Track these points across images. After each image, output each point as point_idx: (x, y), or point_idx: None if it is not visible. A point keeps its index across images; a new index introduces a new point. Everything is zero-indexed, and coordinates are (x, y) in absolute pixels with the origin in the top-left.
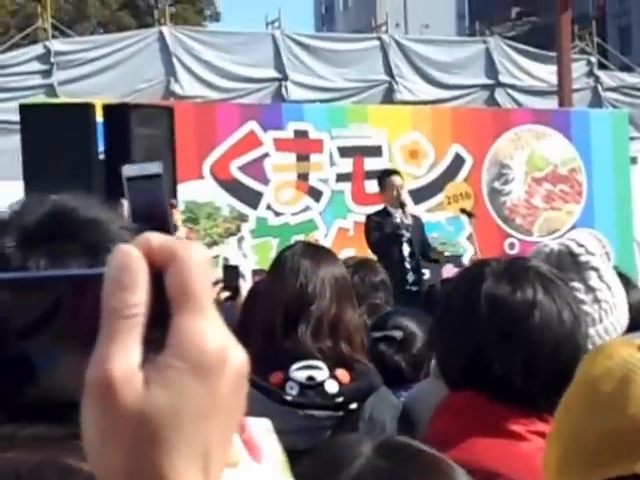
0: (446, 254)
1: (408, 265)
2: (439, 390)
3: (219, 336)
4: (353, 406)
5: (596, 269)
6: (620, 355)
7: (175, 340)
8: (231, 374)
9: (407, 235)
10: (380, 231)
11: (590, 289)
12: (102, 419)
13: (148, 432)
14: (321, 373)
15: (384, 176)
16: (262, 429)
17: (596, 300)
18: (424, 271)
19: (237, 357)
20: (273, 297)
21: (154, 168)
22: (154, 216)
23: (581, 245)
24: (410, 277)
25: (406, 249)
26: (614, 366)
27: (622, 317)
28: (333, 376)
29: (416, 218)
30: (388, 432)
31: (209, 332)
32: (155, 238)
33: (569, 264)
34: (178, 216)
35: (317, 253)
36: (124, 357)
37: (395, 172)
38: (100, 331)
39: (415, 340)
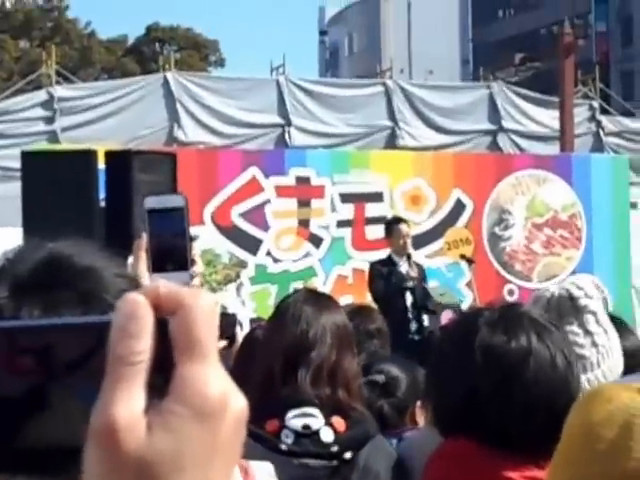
0: (443, 303)
1: (410, 315)
2: (434, 439)
3: (221, 383)
4: (347, 455)
5: (594, 313)
6: (621, 400)
7: (178, 386)
8: (232, 419)
9: (411, 286)
10: (385, 280)
11: (588, 333)
12: (105, 464)
13: (150, 475)
14: (317, 421)
15: (392, 223)
16: (264, 473)
17: (594, 344)
18: (423, 317)
19: (238, 403)
20: (274, 343)
21: (177, 201)
22: (174, 250)
23: (580, 288)
24: (413, 326)
25: (409, 299)
26: (615, 411)
27: (618, 362)
28: (329, 424)
29: (419, 267)
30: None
31: (211, 379)
32: (163, 286)
33: (569, 308)
34: (196, 250)
35: (319, 300)
36: (128, 403)
37: (403, 220)
38: (105, 377)
39: (399, 384)
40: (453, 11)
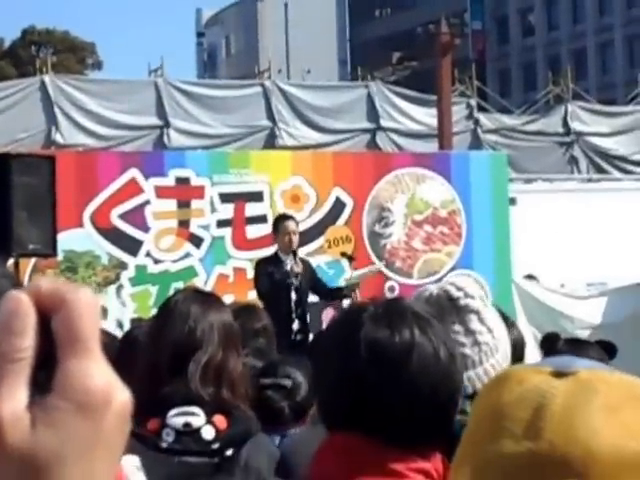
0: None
1: (294, 314)
2: (316, 436)
3: (104, 376)
4: (229, 452)
5: (476, 312)
6: (532, 382)
7: (61, 381)
8: (115, 413)
9: (295, 283)
10: (269, 278)
11: (470, 332)
12: None
13: (34, 469)
14: (198, 419)
15: (278, 221)
16: (131, 466)
17: (476, 343)
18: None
19: (121, 396)
20: (159, 341)
21: None
22: None
23: (460, 289)
24: (295, 326)
25: (294, 297)
26: (526, 392)
27: (503, 359)
28: (210, 422)
29: (305, 263)
30: (263, 476)
31: (95, 373)
32: (45, 284)
33: (448, 308)
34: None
35: (206, 298)
36: (11, 399)
37: (289, 217)
38: None
39: (300, 389)
40: (330, 11)
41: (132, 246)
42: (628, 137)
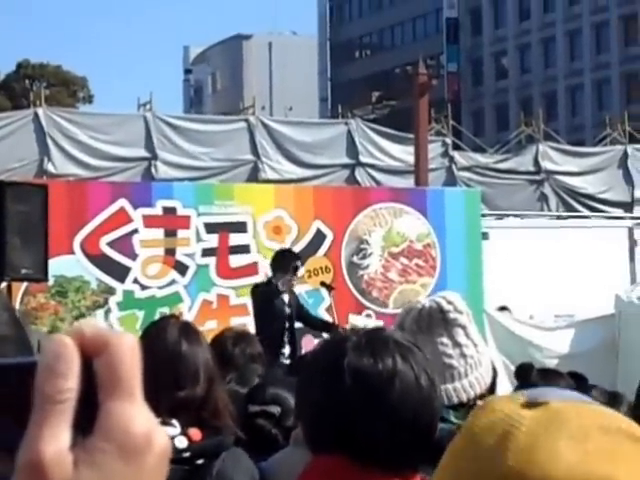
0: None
1: (286, 339)
2: (298, 457)
3: (145, 420)
4: (199, 462)
5: (463, 327)
6: (503, 410)
7: (104, 424)
8: (155, 456)
9: (288, 311)
10: (268, 305)
11: (457, 344)
12: None
13: None
14: (173, 430)
15: (290, 259)
16: None
17: (462, 355)
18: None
19: (161, 440)
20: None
21: None
22: None
23: (450, 302)
24: (286, 350)
25: (287, 324)
26: (496, 421)
27: (486, 373)
28: (184, 434)
29: (293, 292)
30: None
31: (136, 416)
32: (88, 328)
33: (439, 320)
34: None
35: (191, 336)
36: (54, 440)
37: (300, 258)
38: (32, 415)
39: (290, 413)
40: (312, 51)
41: (120, 272)
42: (596, 177)
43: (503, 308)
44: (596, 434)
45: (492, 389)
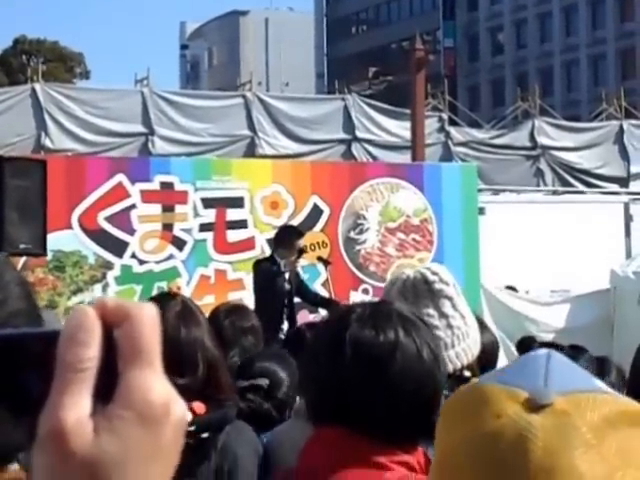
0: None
1: (285, 314)
2: (299, 430)
3: (164, 389)
4: (204, 435)
5: (450, 298)
6: (507, 414)
7: (124, 392)
8: (173, 425)
9: (288, 287)
10: (270, 280)
11: (443, 315)
12: (53, 464)
13: (95, 475)
14: None
15: (293, 235)
16: None
17: (449, 326)
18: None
19: (179, 409)
20: None
21: None
22: None
23: (435, 273)
24: (285, 326)
25: (286, 300)
26: (505, 429)
27: (474, 345)
28: (189, 407)
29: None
30: (240, 462)
31: (155, 385)
32: (110, 300)
33: (424, 291)
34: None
35: (191, 318)
36: (75, 407)
37: (303, 235)
38: (54, 383)
39: (280, 385)
40: (309, 27)
41: (118, 247)
42: (591, 152)
43: (510, 288)
44: (607, 433)
45: (494, 363)
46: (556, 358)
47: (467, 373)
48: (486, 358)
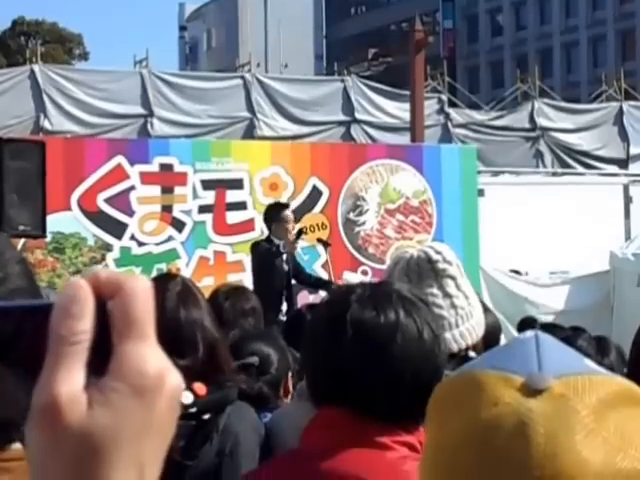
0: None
1: (284, 296)
2: (302, 410)
3: (158, 360)
4: (206, 417)
5: (453, 278)
6: (505, 402)
7: (117, 364)
8: (168, 396)
9: (287, 268)
10: (269, 262)
11: (447, 295)
12: (47, 438)
13: (90, 448)
14: None
15: (277, 209)
16: None
17: (453, 306)
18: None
19: (174, 380)
20: None
21: None
22: None
23: (438, 252)
24: (284, 307)
25: (285, 281)
26: (503, 418)
27: (478, 325)
28: (189, 388)
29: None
30: (242, 442)
31: (149, 357)
32: (103, 272)
33: (428, 270)
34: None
35: (190, 299)
36: (69, 380)
37: (287, 206)
38: (47, 356)
39: (271, 361)
40: (308, 8)
41: (117, 229)
42: (591, 133)
43: (515, 272)
44: (605, 414)
45: (497, 345)
46: (545, 340)
47: (472, 353)
48: (489, 340)
